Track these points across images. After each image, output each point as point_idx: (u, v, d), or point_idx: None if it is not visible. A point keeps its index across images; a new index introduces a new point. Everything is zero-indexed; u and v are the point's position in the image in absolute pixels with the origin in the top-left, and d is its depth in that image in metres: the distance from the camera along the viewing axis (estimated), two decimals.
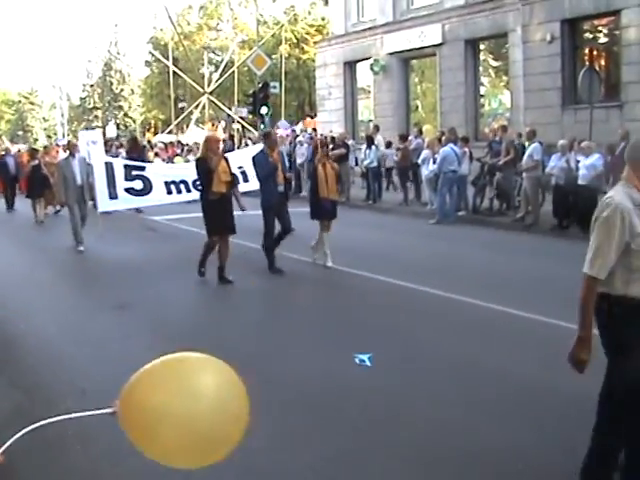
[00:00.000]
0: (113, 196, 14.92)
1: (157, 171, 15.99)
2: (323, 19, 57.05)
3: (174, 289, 11.62)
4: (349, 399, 6.71)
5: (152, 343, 8.81)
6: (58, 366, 7.91)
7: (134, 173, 15.16)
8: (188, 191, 15.09)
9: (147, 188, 15.06)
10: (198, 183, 13.02)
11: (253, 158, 12.77)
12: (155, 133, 56.49)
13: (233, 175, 12.42)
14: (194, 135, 48.38)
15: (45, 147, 27.72)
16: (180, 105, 59.77)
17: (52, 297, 11.49)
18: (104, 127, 73.20)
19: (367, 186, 24.04)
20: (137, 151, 25.00)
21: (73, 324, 9.69)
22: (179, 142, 31.12)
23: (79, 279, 13.15)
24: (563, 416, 6.13)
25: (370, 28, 33.16)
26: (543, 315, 9.19)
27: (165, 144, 34.74)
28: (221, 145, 15.52)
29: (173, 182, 15.12)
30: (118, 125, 77.43)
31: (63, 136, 68.42)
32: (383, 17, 32.44)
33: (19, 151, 32.59)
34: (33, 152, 25.04)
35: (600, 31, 24.41)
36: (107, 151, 26.69)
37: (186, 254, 13.40)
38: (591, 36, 24.65)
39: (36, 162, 22.94)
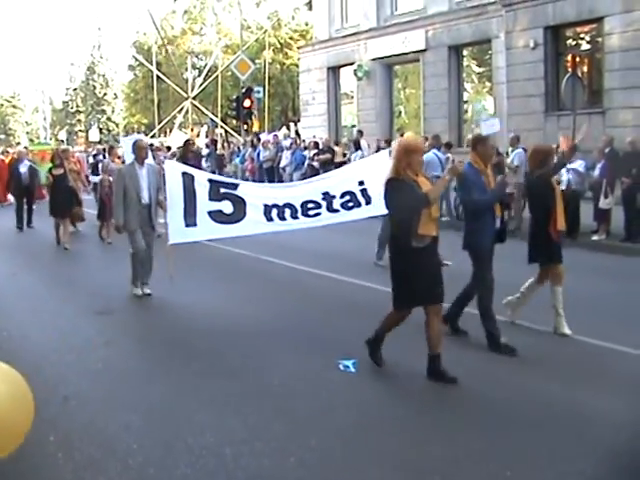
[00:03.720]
0: (190, 222, 10.79)
1: (254, 191, 11.47)
2: (307, 24, 57.08)
3: (158, 294, 11.58)
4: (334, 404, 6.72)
5: (135, 350, 8.78)
6: (41, 374, 7.83)
7: (222, 191, 10.94)
8: (294, 218, 10.98)
9: (239, 212, 10.91)
10: (311, 206, 10.67)
11: (465, 177, 8.36)
12: None
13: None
14: (177, 139, 48.33)
15: (65, 150, 20.88)
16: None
17: (35, 303, 11.38)
18: (87, 131, 73.06)
19: None
20: (191, 156, 18.65)
21: (56, 330, 9.60)
22: (168, 147, 30.68)
23: (62, 285, 13.06)
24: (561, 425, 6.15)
25: (354, 34, 33.18)
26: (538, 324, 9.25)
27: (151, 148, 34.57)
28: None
29: (275, 206, 10.90)
30: (101, 129, 77.22)
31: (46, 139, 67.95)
32: (367, 22, 32.47)
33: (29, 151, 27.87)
34: (58, 155, 18.48)
35: (583, 38, 24.52)
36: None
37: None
38: (574, 43, 24.75)
39: (61, 171, 17.39)
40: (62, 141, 51.71)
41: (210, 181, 11.04)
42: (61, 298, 11.88)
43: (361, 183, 11.06)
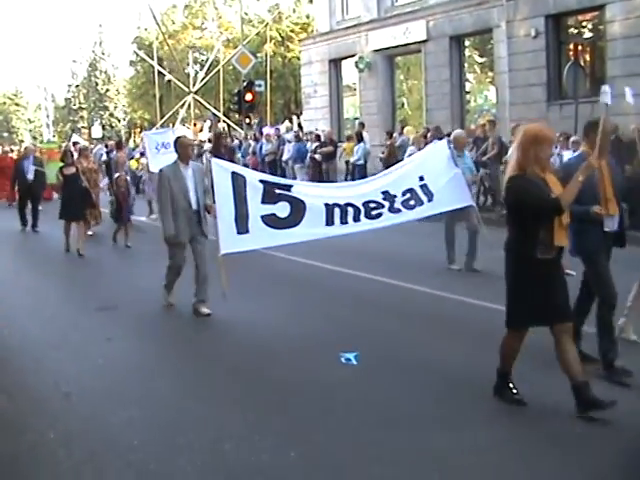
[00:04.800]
0: (242, 229, 9.59)
1: (311, 191, 10.42)
2: (308, 17, 56.94)
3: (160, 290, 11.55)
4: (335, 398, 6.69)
5: (136, 346, 8.76)
6: (42, 370, 7.84)
7: (277, 192, 9.82)
8: (356, 220, 9.97)
9: (296, 216, 9.75)
10: (372, 206, 9.93)
11: (569, 166, 7.14)
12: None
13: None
14: (180, 134, 48.14)
15: (84, 148, 19.75)
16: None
17: (36, 300, 11.38)
18: (89, 128, 73.04)
19: None
20: (223, 151, 17.71)
21: (57, 327, 9.61)
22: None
23: (63, 281, 13.05)
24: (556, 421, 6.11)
25: (355, 25, 33.03)
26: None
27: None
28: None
29: (337, 205, 9.87)
30: (104, 126, 77.18)
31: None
32: (368, 14, 32.33)
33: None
34: (68, 153, 17.18)
35: (584, 26, 24.39)
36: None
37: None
38: (576, 31, 24.61)
39: (73, 170, 15.93)
40: (76, 143, 51.44)
41: (263, 182, 9.87)
42: (62, 295, 11.89)
43: (421, 178, 10.47)
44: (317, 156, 26.04)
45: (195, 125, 48.77)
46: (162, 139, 18.54)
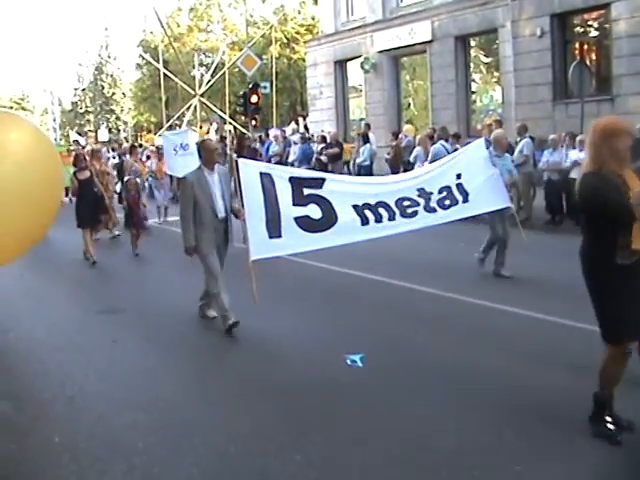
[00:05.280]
0: (274, 233, 8.99)
1: (341, 187, 9.67)
2: (313, 18, 57.00)
3: (167, 294, 11.53)
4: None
5: (142, 349, 8.73)
6: (47, 373, 7.83)
7: (307, 192, 9.24)
8: (391, 219, 9.48)
9: (329, 217, 9.20)
10: (407, 204, 9.55)
11: None
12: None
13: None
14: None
15: (96, 150, 18.71)
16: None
17: (41, 303, 11.38)
18: (96, 131, 73.12)
19: None
20: (246, 152, 15.86)
21: (62, 330, 9.59)
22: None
23: (69, 285, 13.03)
24: (554, 415, 6.08)
25: (360, 26, 33.02)
26: (544, 313, 9.17)
27: (157, 147, 34.22)
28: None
29: (367, 206, 9.39)
30: (110, 129, 77.34)
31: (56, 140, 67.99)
32: (373, 15, 32.32)
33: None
34: (81, 157, 15.78)
35: (590, 25, 24.32)
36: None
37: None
38: (581, 30, 24.55)
39: (87, 174, 14.88)
40: (76, 141, 51.23)
41: (291, 180, 9.22)
42: (68, 298, 11.89)
43: (458, 176, 10.16)
44: (323, 157, 26.00)
45: (201, 128, 48.79)
46: (181, 140, 18.04)
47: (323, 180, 9.49)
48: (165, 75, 50.57)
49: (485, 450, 5.51)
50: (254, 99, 32.50)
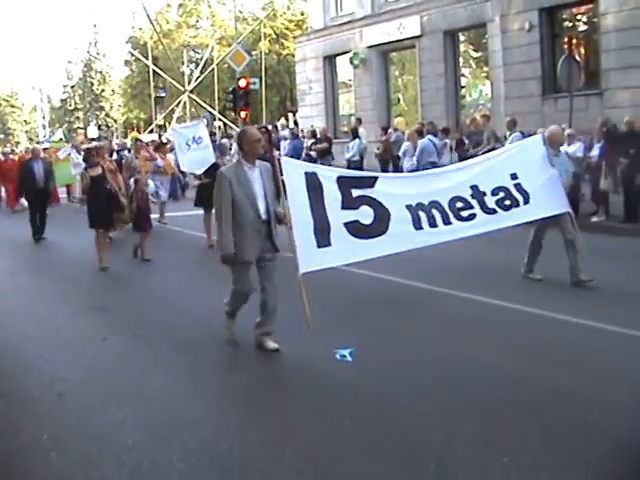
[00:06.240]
0: (324, 242, 8.16)
1: (394, 188, 8.89)
2: (302, 14, 56.97)
3: (157, 292, 11.52)
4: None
5: (131, 346, 8.71)
6: (37, 370, 7.81)
7: (356, 194, 8.46)
8: (447, 223, 8.83)
9: (381, 222, 8.48)
10: (460, 206, 8.92)
11: None
12: (139, 132, 56.25)
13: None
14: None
15: (100, 147, 15.95)
16: (161, 94, 59.46)
17: (31, 300, 11.34)
18: (85, 128, 72.94)
19: None
20: (267, 147, 15.05)
21: (52, 328, 9.56)
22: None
23: (59, 281, 12.99)
24: (547, 407, 6.09)
25: (349, 22, 33.00)
26: (524, 304, 9.20)
27: (146, 143, 33.61)
28: None
29: (420, 206, 8.72)
30: (100, 126, 77.17)
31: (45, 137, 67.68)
32: (362, 10, 32.29)
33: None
34: (90, 153, 14.77)
35: (579, 19, 24.39)
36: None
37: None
38: (570, 24, 24.61)
39: (99, 171, 13.77)
40: (93, 139, 50.75)
41: (339, 180, 8.45)
42: (57, 294, 11.84)
43: (514, 176, 9.37)
44: (313, 153, 25.98)
45: None
46: (193, 133, 16.79)
47: (375, 179, 8.79)
48: (154, 72, 50.55)
49: (475, 442, 5.52)
50: (242, 83, 32.31)
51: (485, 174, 9.35)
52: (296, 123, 40.31)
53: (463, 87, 29.55)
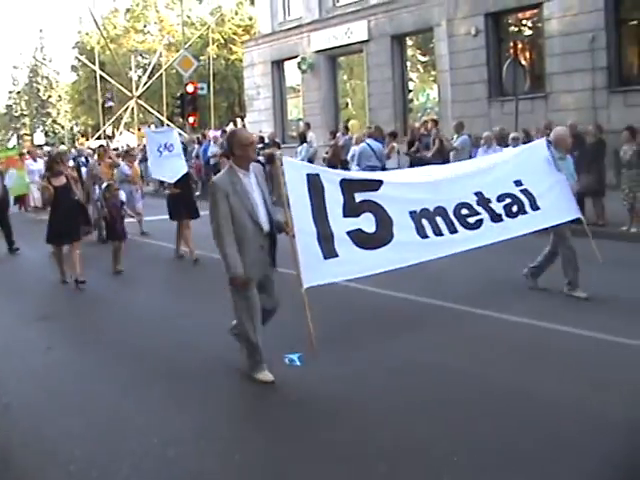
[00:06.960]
0: (330, 253, 7.50)
1: (399, 190, 8.46)
2: (250, 19, 56.97)
3: (107, 300, 11.40)
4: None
5: (77, 355, 8.61)
6: None
7: (359, 198, 7.92)
8: (453, 232, 8.42)
9: (384, 230, 7.98)
10: (466, 213, 8.56)
11: None
12: (86, 139, 55.76)
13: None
14: (125, 139, 47.90)
15: (62, 153, 16.31)
16: (108, 104, 59.14)
17: None
18: (32, 134, 72.07)
19: None
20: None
21: None
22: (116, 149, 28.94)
23: (6, 294, 12.77)
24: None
25: (297, 26, 33.06)
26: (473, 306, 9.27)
27: (93, 150, 32.93)
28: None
29: (425, 212, 8.30)
30: (47, 132, 76.31)
31: None
32: (309, 15, 32.38)
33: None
34: (54, 161, 13.22)
35: (524, 24, 24.69)
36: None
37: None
38: (515, 29, 24.91)
39: (63, 180, 12.50)
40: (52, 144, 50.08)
41: (342, 184, 7.87)
42: (3, 307, 11.61)
43: (518, 183, 9.02)
44: (260, 158, 25.94)
45: (139, 130, 48.43)
46: (165, 139, 15.65)
47: (380, 183, 8.23)
48: (102, 77, 50.12)
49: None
50: (190, 88, 32.29)
51: (489, 181, 9.01)
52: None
53: (411, 91, 29.75)
